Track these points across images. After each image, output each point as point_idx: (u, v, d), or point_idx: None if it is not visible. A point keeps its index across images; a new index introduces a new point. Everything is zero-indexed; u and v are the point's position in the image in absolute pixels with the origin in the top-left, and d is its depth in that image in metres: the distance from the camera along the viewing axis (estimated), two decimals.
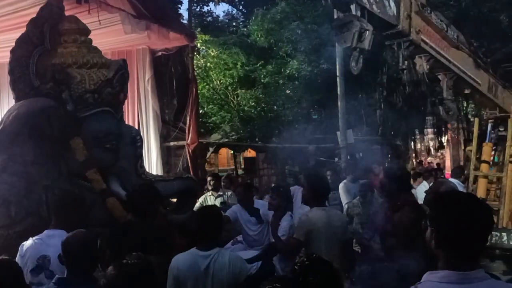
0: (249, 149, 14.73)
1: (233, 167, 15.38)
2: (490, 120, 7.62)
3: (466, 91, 7.63)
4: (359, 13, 4.24)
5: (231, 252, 3.09)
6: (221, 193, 6.46)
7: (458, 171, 8.55)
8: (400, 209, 3.64)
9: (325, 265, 2.03)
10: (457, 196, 1.82)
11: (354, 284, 3.67)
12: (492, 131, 7.47)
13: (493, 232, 5.88)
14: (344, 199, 6.71)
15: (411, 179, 7.02)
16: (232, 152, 15.53)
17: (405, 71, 6.43)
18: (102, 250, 2.66)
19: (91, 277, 2.39)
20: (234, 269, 2.87)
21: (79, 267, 2.35)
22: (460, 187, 6.30)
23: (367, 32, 4.22)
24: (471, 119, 14.07)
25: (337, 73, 9.38)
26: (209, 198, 6.48)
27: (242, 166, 16.42)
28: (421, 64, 5.52)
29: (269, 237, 4.53)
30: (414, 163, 15.62)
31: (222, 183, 6.92)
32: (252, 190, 5.64)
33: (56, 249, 2.63)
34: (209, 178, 6.90)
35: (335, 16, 6.16)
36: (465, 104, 14.65)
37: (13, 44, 4.23)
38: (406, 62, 5.21)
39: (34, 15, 4.31)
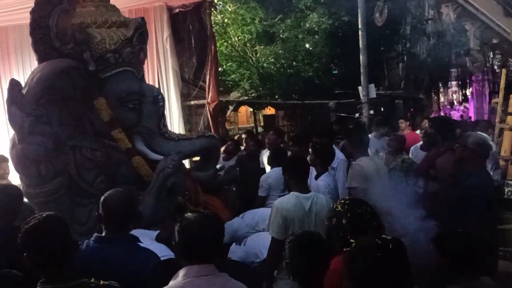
0: (268, 107, 14.63)
1: (253, 124, 15.40)
2: None
3: (494, 41, 7.36)
4: None
5: (324, 195, 3.39)
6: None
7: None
8: (443, 154, 3.80)
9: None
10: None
11: None
12: None
13: None
14: None
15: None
16: (251, 110, 15.47)
17: (429, 22, 6.19)
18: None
19: (129, 235, 2.41)
20: None
21: (117, 225, 2.34)
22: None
23: None
24: (497, 71, 13.54)
25: (359, 26, 9.07)
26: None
27: (262, 124, 16.42)
28: (448, 14, 5.32)
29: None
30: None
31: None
32: None
33: None
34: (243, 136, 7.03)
35: None
36: (491, 55, 14.05)
37: (27, 6, 4.20)
38: (432, 11, 5.02)
39: None
